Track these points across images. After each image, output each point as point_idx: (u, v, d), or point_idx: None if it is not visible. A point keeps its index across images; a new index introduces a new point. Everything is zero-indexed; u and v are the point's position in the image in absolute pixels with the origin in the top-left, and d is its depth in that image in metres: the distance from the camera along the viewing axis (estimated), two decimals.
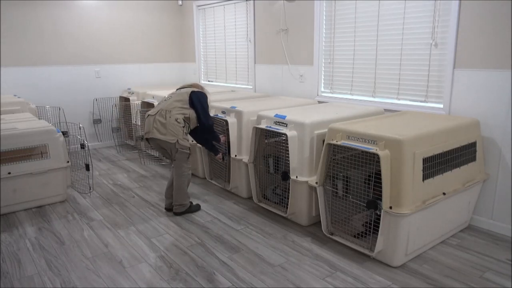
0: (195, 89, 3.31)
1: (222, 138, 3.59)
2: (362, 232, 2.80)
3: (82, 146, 3.90)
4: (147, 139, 3.24)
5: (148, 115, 3.23)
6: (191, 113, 3.22)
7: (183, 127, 3.18)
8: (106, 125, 5.89)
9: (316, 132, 2.98)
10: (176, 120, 3.13)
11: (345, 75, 3.99)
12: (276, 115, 3.17)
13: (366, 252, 2.60)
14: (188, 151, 3.22)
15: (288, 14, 4.42)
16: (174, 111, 3.15)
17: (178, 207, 3.34)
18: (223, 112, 3.74)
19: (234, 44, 5.37)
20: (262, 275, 2.47)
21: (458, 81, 3.06)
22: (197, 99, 3.23)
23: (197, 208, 3.45)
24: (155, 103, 4.82)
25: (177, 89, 3.40)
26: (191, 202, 3.44)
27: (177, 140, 3.13)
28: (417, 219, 2.48)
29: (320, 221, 2.95)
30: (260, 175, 3.42)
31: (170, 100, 3.23)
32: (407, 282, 2.38)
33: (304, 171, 2.99)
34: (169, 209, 3.43)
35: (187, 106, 3.21)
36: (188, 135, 3.34)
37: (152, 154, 5.18)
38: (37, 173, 3.46)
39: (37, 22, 5.07)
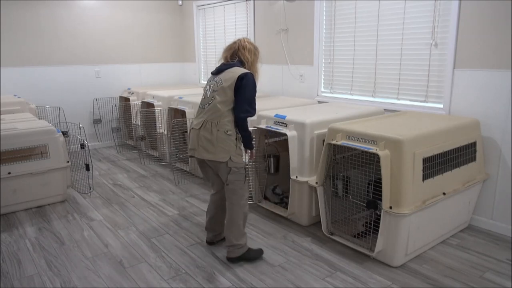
0: (240, 73, 2.42)
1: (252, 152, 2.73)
2: (362, 232, 2.80)
3: (82, 146, 3.90)
4: (190, 155, 2.60)
5: (192, 128, 2.53)
6: None
7: (236, 139, 2.46)
8: (106, 125, 5.89)
9: (316, 132, 2.98)
10: (226, 132, 2.40)
11: (345, 75, 3.98)
12: (276, 115, 3.17)
13: (366, 252, 2.60)
14: (245, 171, 2.51)
15: (288, 14, 4.42)
16: (222, 120, 2.41)
17: (232, 250, 2.55)
18: None
19: None
20: (262, 275, 2.47)
21: (458, 81, 3.06)
22: (242, 88, 2.39)
23: (259, 254, 2.64)
24: (155, 103, 4.81)
25: (219, 69, 2.56)
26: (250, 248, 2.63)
27: (230, 157, 2.42)
28: (417, 219, 2.48)
29: (320, 221, 2.95)
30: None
31: (213, 102, 2.45)
32: (407, 282, 2.38)
33: (304, 171, 2.99)
34: (211, 242, 2.82)
35: (233, 103, 2.44)
36: (242, 148, 2.58)
37: (152, 154, 5.18)
38: (37, 173, 3.46)
39: (37, 22, 5.07)
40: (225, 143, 2.41)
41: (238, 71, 2.44)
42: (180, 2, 6.19)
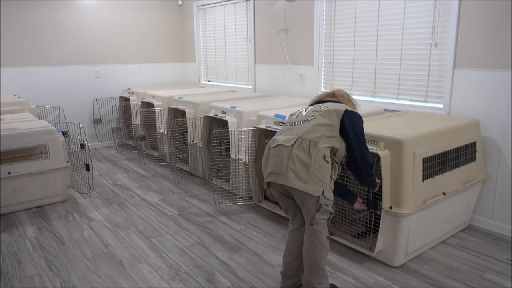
0: (349, 108, 2.08)
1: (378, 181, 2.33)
2: (362, 232, 2.80)
3: (82, 146, 3.90)
4: (269, 182, 2.08)
5: (279, 144, 2.02)
6: (342, 146, 2.04)
7: (332, 169, 2.02)
8: (106, 125, 5.89)
9: None
10: (324, 157, 1.96)
11: (345, 75, 3.98)
12: (276, 115, 3.17)
13: (366, 252, 2.60)
14: (332, 209, 2.05)
15: (288, 14, 4.42)
16: (322, 143, 1.97)
17: None
18: (223, 112, 3.75)
19: (234, 44, 5.37)
20: (262, 275, 2.47)
21: (458, 81, 3.06)
22: (352, 123, 2.02)
23: None
24: (155, 103, 4.81)
25: (315, 102, 2.22)
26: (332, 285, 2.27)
27: (323, 192, 1.96)
28: (417, 219, 2.48)
29: None
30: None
31: (312, 121, 2.03)
32: (407, 282, 2.38)
33: None
34: None
35: (337, 134, 2.01)
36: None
37: (152, 154, 5.18)
38: (37, 173, 3.46)
39: (37, 22, 5.07)
40: (321, 172, 1.94)
41: (343, 106, 2.10)
42: (180, 2, 6.19)
